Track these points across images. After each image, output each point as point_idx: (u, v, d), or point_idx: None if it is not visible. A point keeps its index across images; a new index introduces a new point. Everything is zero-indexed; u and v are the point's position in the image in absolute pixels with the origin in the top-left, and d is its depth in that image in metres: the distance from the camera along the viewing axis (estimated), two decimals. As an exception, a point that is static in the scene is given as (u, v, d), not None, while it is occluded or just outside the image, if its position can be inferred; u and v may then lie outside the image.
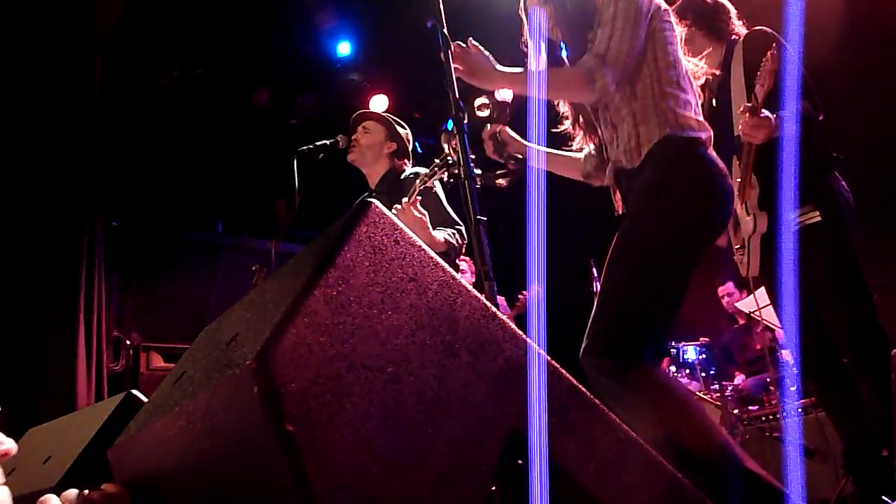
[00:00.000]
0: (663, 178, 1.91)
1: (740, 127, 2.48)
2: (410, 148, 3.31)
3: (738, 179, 2.67)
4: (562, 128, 2.32)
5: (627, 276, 1.88)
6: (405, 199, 2.72)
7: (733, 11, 2.80)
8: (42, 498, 0.94)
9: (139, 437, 1.01)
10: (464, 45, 2.02)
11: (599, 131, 2.15)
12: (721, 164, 1.98)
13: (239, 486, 0.84)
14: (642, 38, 1.97)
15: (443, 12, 2.01)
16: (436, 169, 2.73)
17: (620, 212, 2.13)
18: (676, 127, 1.93)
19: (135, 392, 1.46)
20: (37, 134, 4.48)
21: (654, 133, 1.94)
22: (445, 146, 2.44)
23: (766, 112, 2.42)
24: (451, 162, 2.64)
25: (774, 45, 2.46)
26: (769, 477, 1.68)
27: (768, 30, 2.65)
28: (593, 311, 1.90)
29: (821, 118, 2.58)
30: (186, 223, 6.44)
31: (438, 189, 3.04)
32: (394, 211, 2.76)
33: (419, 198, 2.72)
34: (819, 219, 2.53)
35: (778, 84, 2.44)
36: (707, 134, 1.98)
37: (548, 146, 2.31)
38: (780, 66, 2.41)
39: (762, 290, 2.98)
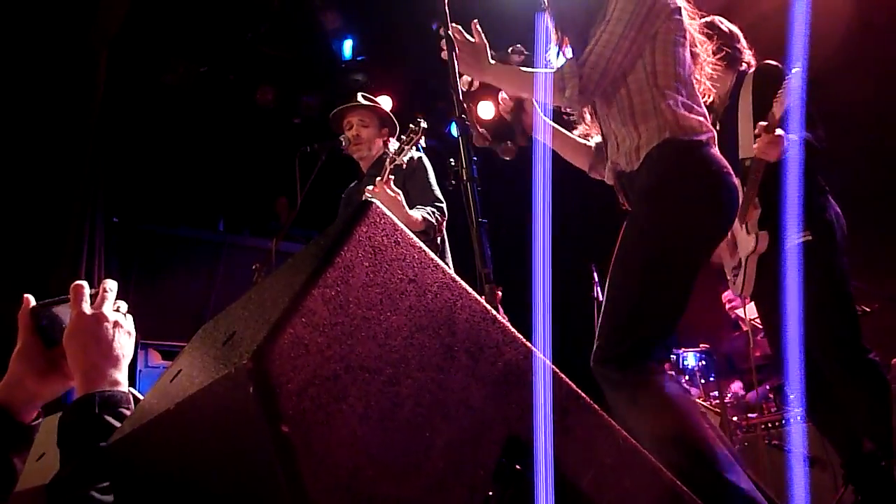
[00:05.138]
0: (661, 181, 1.88)
1: (756, 144, 2.55)
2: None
3: (742, 201, 2.69)
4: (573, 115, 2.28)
5: (629, 283, 1.86)
6: (378, 179, 2.74)
7: (744, 41, 2.87)
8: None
9: (135, 434, 1.00)
10: (465, 34, 1.98)
11: (601, 125, 2.11)
12: (724, 161, 1.93)
13: (233, 486, 0.84)
14: (639, 41, 1.91)
15: (448, 14, 2.00)
16: (403, 146, 2.75)
17: (626, 208, 2.09)
18: (676, 129, 1.88)
19: (132, 390, 1.46)
20: (40, 129, 4.48)
21: (654, 136, 1.89)
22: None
23: (780, 131, 2.50)
24: (420, 128, 2.67)
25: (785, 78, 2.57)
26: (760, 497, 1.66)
27: (778, 65, 2.75)
28: (600, 318, 1.89)
29: (822, 148, 2.66)
30: (188, 221, 6.44)
31: (426, 163, 3.08)
32: (367, 191, 2.78)
33: (391, 177, 2.75)
34: (810, 238, 2.60)
35: (785, 112, 2.54)
36: (709, 134, 1.94)
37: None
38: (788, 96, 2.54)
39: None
